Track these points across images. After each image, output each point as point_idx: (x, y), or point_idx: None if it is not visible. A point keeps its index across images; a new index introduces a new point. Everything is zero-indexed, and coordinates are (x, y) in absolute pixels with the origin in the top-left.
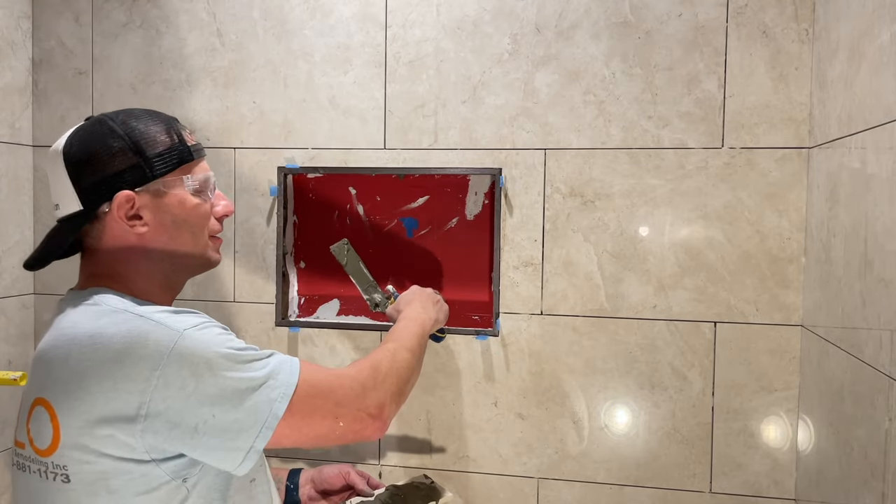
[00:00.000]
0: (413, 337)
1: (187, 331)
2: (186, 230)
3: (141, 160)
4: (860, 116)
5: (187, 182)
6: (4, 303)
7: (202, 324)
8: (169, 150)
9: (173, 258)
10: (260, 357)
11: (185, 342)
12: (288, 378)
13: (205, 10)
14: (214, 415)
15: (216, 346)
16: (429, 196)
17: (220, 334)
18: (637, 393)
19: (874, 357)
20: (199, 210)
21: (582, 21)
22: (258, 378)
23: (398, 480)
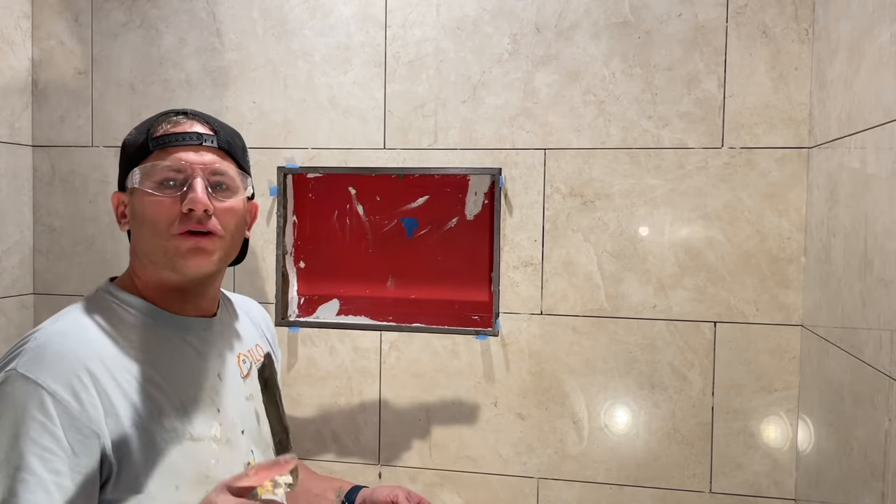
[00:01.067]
0: None
1: (15, 372)
2: (144, 226)
3: (124, 161)
4: (860, 116)
5: (134, 176)
6: (4, 303)
7: (42, 386)
8: (137, 148)
9: (143, 255)
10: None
11: (3, 381)
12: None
13: (204, 10)
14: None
15: (5, 413)
16: (429, 196)
17: (29, 413)
18: (637, 393)
19: (874, 357)
20: (156, 204)
21: (582, 21)
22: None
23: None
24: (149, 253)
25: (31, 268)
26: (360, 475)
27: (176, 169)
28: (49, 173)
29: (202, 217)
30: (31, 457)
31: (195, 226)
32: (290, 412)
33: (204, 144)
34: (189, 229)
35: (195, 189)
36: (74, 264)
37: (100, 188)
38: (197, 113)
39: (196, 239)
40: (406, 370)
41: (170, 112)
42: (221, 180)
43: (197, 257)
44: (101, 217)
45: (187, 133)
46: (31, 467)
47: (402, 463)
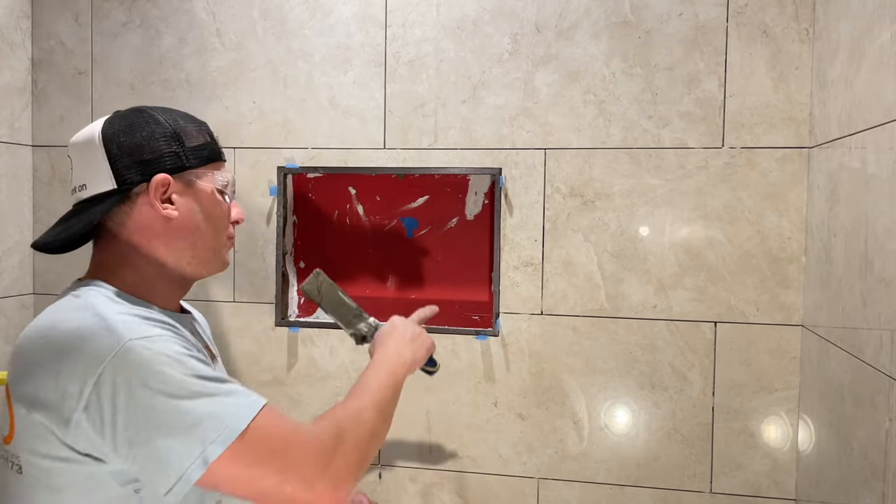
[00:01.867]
0: (382, 390)
1: (133, 341)
2: (210, 223)
3: (180, 149)
4: (860, 116)
5: (217, 177)
6: (4, 303)
7: (158, 336)
8: (203, 145)
9: (194, 249)
10: (208, 392)
11: (125, 354)
12: (233, 422)
13: (204, 10)
14: (139, 441)
15: (159, 366)
16: (429, 196)
17: (171, 355)
18: (637, 393)
19: (874, 357)
20: (222, 208)
21: (582, 21)
22: (196, 415)
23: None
24: (207, 246)
25: (31, 268)
26: None
27: (233, 182)
28: (49, 173)
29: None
30: (213, 373)
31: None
32: (289, 412)
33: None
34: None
35: (237, 205)
36: (74, 264)
37: None
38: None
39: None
40: None
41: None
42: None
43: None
44: None
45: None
46: (219, 378)
47: (402, 463)
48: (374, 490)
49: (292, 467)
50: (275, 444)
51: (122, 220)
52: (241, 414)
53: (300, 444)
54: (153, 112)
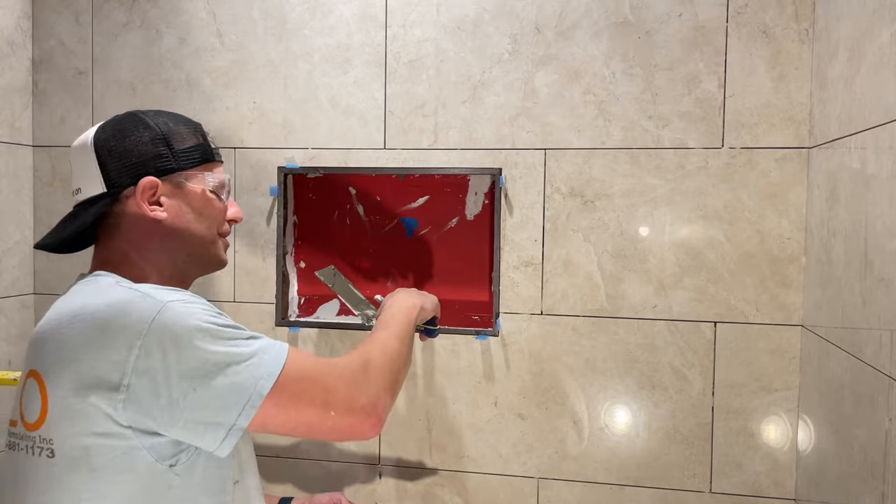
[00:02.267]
0: (400, 324)
1: (171, 303)
2: (202, 223)
3: (168, 151)
4: (860, 116)
5: (208, 178)
6: (4, 303)
7: (188, 300)
8: (194, 147)
9: (187, 248)
10: (246, 336)
11: (167, 313)
12: (275, 358)
13: (205, 10)
14: (195, 388)
15: (199, 320)
16: (429, 196)
17: (206, 310)
18: (637, 393)
19: (874, 357)
20: (215, 207)
21: (582, 21)
22: (243, 354)
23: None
24: (199, 243)
25: (31, 268)
26: (360, 475)
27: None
28: (49, 173)
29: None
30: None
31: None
32: None
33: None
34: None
35: (236, 204)
36: (75, 264)
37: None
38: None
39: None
40: None
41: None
42: None
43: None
44: None
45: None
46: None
47: (402, 463)
48: (374, 490)
49: (333, 393)
50: (312, 374)
51: (116, 222)
52: (279, 351)
53: (335, 374)
54: (144, 116)
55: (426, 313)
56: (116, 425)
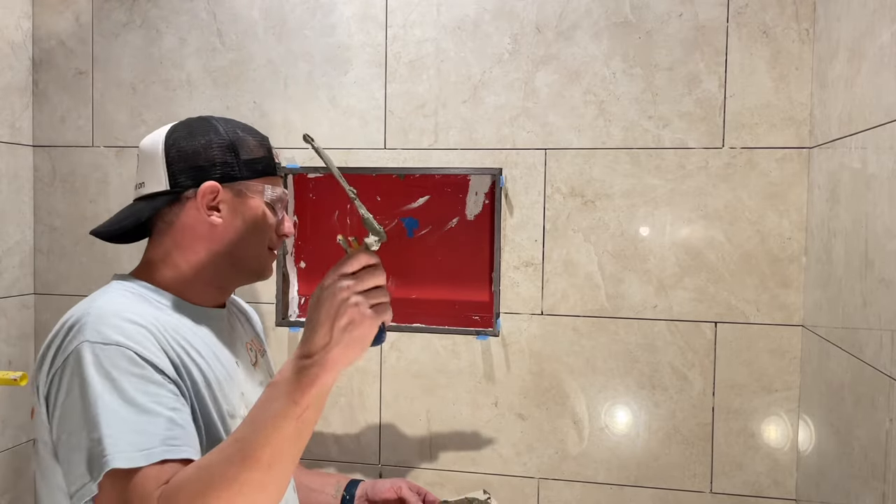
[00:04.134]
0: (269, 428)
1: (85, 343)
2: (253, 234)
3: (233, 159)
4: (861, 116)
5: (267, 191)
6: (4, 303)
7: (115, 345)
8: (259, 159)
9: (233, 256)
10: (122, 417)
11: (76, 355)
12: (117, 455)
13: (205, 10)
14: (62, 439)
15: (95, 376)
16: (429, 196)
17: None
18: (637, 393)
19: (875, 357)
20: (268, 220)
21: (582, 21)
22: (99, 435)
23: (453, 496)
24: (247, 255)
25: (31, 268)
26: (360, 475)
27: (286, 197)
28: (50, 173)
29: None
30: (151, 405)
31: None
32: None
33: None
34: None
35: (288, 220)
36: (75, 264)
37: (100, 188)
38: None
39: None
40: (406, 370)
41: (262, 135)
42: None
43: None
44: (102, 217)
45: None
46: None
47: (402, 463)
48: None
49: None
50: (126, 498)
51: (171, 220)
52: (132, 454)
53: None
54: (216, 122)
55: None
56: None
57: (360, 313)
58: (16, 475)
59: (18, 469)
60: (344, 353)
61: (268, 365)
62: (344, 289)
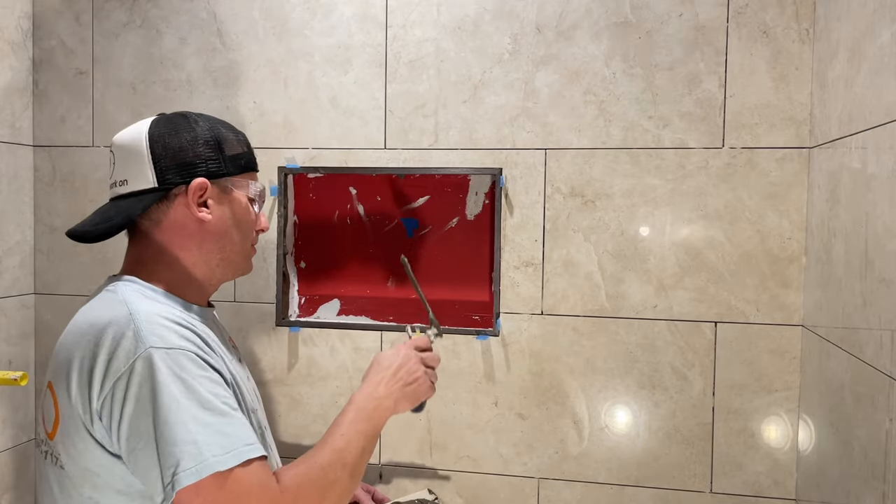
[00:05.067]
0: (361, 443)
1: (153, 349)
2: (240, 229)
3: (219, 156)
4: (861, 116)
5: (251, 186)
6: (4, 303)
7: (178, 350)
8: (241, 154)
9: (223, 252)
10: (201, 421)
11: (141, 363)
12: (213, 460)
13: (205, 10)
14: (139, 447)
15: (170, 382)
16: (429, 196)
17: (185, 370)
18: (637, 393)
19: (875, 357)
20: (251, 216)
21: (582, 21)
22: (183, 439)
23: (401, 497)
24: (235, 251)
25: (31, 268)
26: None
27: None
28: (50, 173)
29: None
30: (223, 406)
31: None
32: (290, 412)
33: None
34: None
35: (264, 215)
36: (75, 264)
37: (100, 188)
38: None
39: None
40: None
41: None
42: None
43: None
44: None
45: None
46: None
47: (402, 463)
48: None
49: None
50: (236, 493)
51: (159, 218)
52: (224, 457)
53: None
54: (197, 118)
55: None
56: (106, 451)
57: (426, 380)
58: (16, 475)
59: (18, 469)
60: (404, 403)
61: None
62: (419, 359)
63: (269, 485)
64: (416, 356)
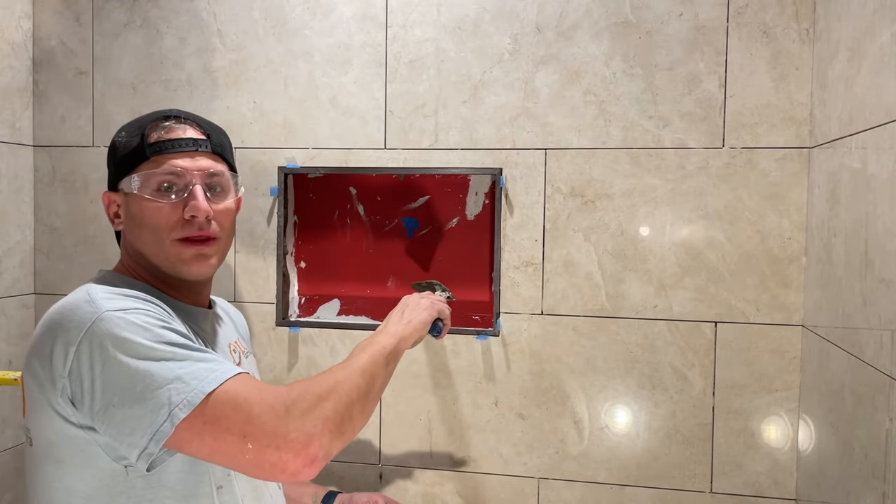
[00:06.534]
0: (372, 356)
1: (109, 312)
2: (146, 231)
3: (112, 163)
4: (861, 116)
5: (133, 181)
6: (4, 303)
7: (133, 309)
8: (130, 152)
9: (146, 255)
10: (179, 357)
11: (101, 323)
12: (200, 384)
13: (205, 10)
14: (114, 404)
15: (132, 334)
16: (429, 196)
17: (142, 325)
18: (637, 393)
19: (875, 357)
20: (155, 210)
21: (582, 21)
22: (165, 378)
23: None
24: (150, 255)
25: (31, 268)
26: (360, 475)
27: (175, 174)
28: (50, 173)
29: (203, 223)
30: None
31: (196, 233)
32: None
33: (199, 150)
34: (189, 236)
35: (196, 196)
36: (75, 264)
37: (101, 188)
38: (188, 115)
39: (198, 247)
40: (407, 370)
41: (160, 115)
42: (217, 182)
43: (199, 264)
44: (102, 217)
45: (182, 139)
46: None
47: (402, 463)
48: (374, 490)
49: (254, 423)
50: (237, 401)
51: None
52: (211, 377)
53: (265, 402)
54: (123, 127)
55: (417, 333)
56: (69, 423)
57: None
58: (16, 475)
59: (18, 469)
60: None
61: (251, 367)
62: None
63: (268, 386)
64: (415, 295)
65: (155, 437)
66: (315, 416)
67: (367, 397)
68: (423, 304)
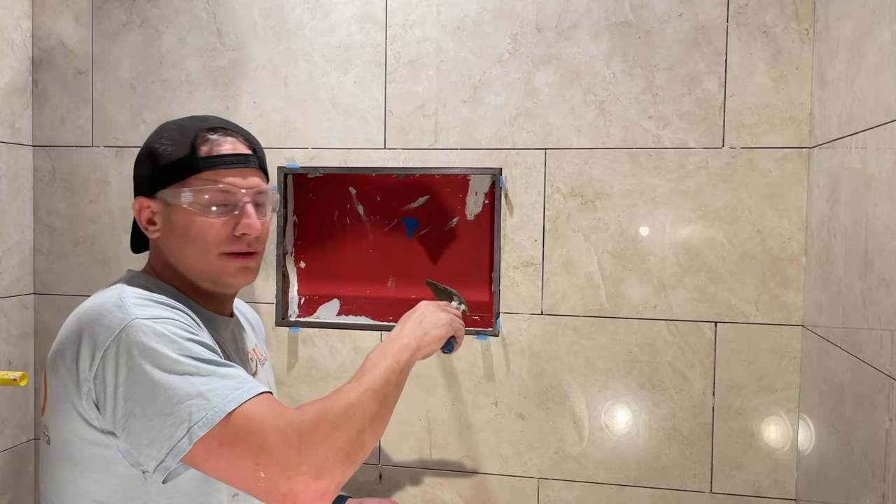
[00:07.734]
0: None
1: (138, 320)
2: (190, 243)
3: (151, 170)
4: (860, 116)
5: (183, 195)
6: (4, 303)
7: (162, 319)
8: (178, 161)
9: (182, 268)
10: (203, 372)
11: (130, 331)
12: (221, 402)
13: (205, 10)
14: (135, 413)
15: (160, 344)
16: (429, 196)
17: (170, 336)
18: (637, 393)
19: (874, 357)
20: (205, 225)
21: (582, 21)
22: (187, 393)
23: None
24: (193, 268)
25: (31, 268)
26: (360, 475)
27: (228, 192)
28: (49, 173)
29: (252, 241)
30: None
31: (245, 248)
32: None
33: (249, 166)
34: (238, 251)
35: (249, 214)
36: (75, 264)
37: (100, 188)
38: (234, 127)
39: (243, 260)
40: None
41: (207, 126)
42: (262, 200)
43: (242, 276)
44: (102, 217)
45: (234, 155)
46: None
47: (402, 463)
48: (374, 490)
49: (267, 452)
50: (254, 429)
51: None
52: (232, 396)
53: (276, 428)
54: (160, 129)
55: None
56: (90, 426)
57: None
58: (16, 475)
59: (18, 469)
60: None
61: (267, 374)
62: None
63: (284, 410)
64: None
65: (172, 452)
66: (328, 448)
67: (380, 420)
68: (443, 319)
